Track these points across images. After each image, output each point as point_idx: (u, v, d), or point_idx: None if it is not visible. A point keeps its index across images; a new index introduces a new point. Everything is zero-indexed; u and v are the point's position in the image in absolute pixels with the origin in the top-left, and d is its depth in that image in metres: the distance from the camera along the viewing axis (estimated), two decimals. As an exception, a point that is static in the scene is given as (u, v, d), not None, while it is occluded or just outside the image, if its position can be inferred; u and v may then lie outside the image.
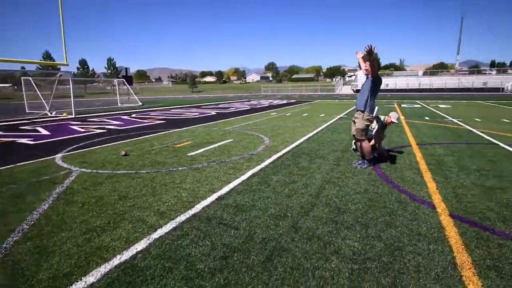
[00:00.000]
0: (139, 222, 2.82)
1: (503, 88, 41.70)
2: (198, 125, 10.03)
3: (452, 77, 50.81)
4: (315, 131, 8.23)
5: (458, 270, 2.06)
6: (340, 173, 4.29)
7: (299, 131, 8.25)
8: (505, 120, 10.36)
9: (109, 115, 14.98)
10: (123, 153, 5.54)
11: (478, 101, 22.04)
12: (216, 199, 3.37)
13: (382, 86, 4.59)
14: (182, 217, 2.91)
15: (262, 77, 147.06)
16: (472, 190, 3.51)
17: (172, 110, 17.48)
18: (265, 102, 24.71)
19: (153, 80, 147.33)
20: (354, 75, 72.45)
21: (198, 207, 3.14)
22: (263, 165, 4.75)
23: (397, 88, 47.27)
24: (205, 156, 5.40)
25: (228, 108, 18.69)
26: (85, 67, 73.40)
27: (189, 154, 5.56)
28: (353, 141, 5.40)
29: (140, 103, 23.97)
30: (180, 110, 17.40)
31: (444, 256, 2.22)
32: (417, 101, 23.28)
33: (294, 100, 27.37)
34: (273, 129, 8.72)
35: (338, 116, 12.40)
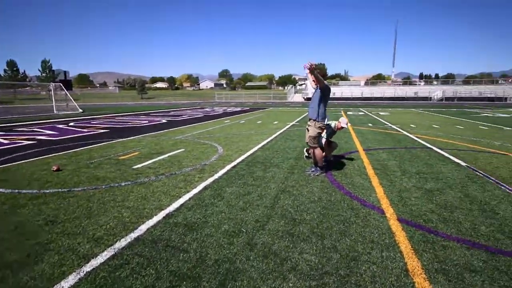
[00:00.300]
0: (69, 252, 2.39)
1: (430, 97, 47.39)
2: (146, 134, 9.38)
3: (388, 87, 56.27)
4: (269, 139, 8.24)
5: (410, 277, 2.08)
6: (294, 181, 4.26)
7: (253, 139, 8.19)
8: (434, 126, 11.62)
9: (42, 123, 13.30)
10: (54, 168, 4.84)
11: (412, 109, 24.61)
12: (163, 217, 3.05)
13: (330, 95, 4.74)
14: (123, 242, 2.54)
15: (216, 84, 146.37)
16: (414, 193, 3.73)
17: (117, 118, 16.21)
18: (219, 110, 24.44)
19: (97, 85, 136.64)
20: (305, 84, 76.11)
21: (142, 229, 2.79)
22: (216, 176, 4.53)
23: (343, 96, 50.74)
24: (153, 169, 4.98)
25: (180, 115, 18.01)
26: (14, 69, 65.06)
27: (134, 167, 5.08)
28: (305, 148, 5.49)
29: (81, 110, 21.87)
30: (127, 118, 16.23)
31: (396, 263, 2.25)
32: (360, 108, 25.14)
33: (248, 108, 27.56)
34: (227, 137, 8.53)
35: (291, 123, 12.70)
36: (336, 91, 52.12)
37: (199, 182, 4.23)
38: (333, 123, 5.10)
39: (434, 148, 6.72)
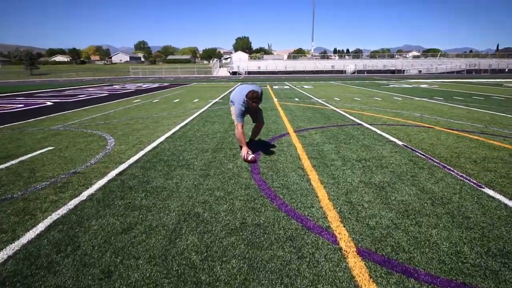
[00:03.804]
0: None
1: (345, 71, 51.13)
2: (6, 125, 6.69)
3: (309, 61, 58.62)
4: (183, 122, 6.66)
5: None
6: (208, 191, 2.95)
7: (163, 124, 6.49)
8: (356, 98, 11.66)
9: None
10: None
11: (331, 82, 25.57)
12: None
13: (255, 69, 3.54)
14: None
15: (132, 58, 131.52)
16: (365, 195, 2.84)
17: (-20, 102, 12.03)
18: (132, 86, 21.10)
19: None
20: (230, 57, 73.75)
21: None
22: (85, 194, 2.88)
23: (268, 70, 50.74)
24: (-26, 191, 3.01)
25: (78, 95, 14.55)
26: None
27: None
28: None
29: None
30: (-4, 101, 12.20)
31: None
32: (285, 82, 24.97)
33: (168, 84, 24.67)
34: (128, 124, 6.60)
35: (214, 101, 11.20)
36: (261, 65, 51.82)
37: (49, 212, 2.55)
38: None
39: (365, 124, 6.22)
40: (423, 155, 4.06)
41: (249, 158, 3.77)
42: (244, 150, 3.85)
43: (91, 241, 2.13)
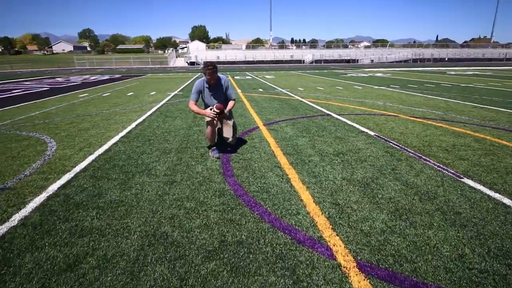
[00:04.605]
0: None
1: (303, 60, 52.04)
2: None
3: (268, 51, 58.59)
4: (140, 119, 5.97)
5: None
6: (176, 203, 2.51)
7: (116, 121, 5.75)
8: (319, 88, 11.70)
9: None
10: None
11: (291, 71, 25.71)
12: None
13: (214, 59, 3.19)
14: None
15: (76, 47, 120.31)
16: (351, 194, 2.63)
17: None
18: (78, 79, 19.03)
19: None
20: (186, 47, 70.81)
21: None
22: (16, 218, 2.27)
23: (228, 60, 49.66)
24: None
25: (11, 90, 12.63)
26: None
27: None
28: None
29: None
30: None
31: None
32: (247, 72, 24.51)
33: (120, 75, 22.76)
34: (73, 122, 5.73)
35: (173, 93, 10.42)
36: (220, 54, 50.55)
37: (-40, 248, 1.92)
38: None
39: (333, 115, 6.13)
40: (396, 145, 4.01)
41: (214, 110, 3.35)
42: (208, 110, 3.43)
43: (24, 287, 1.60)
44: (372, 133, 4.63)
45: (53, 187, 2.82)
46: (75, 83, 15.82)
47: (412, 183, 2.83)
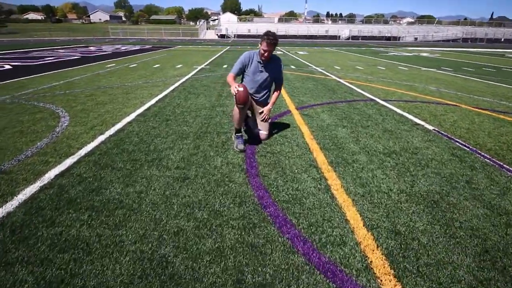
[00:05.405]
0: None
1: (339, 36, 48.79)
2: None
3: (301, 25, 55.53)
4: (162, 94, 5.51)
5: None
6: (185, 210, 1.99)
7: (136, 96, 5.32)
8: (358, 67, 10.54)
9: None
10: None
11: (326, 48, 23.98)
12: None
13: (245, 32, 2.49)
14: None
15: (112, 17, 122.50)
16: (415, 217, 1.96)
17: None
18: (109, 49, 19.02)
19: None
20: (218, 19, 69.09)
21: None
22: (-5, 217, 1.88)
23: (258, 34, 47.80)
24: None
25: (44, 58, 12.75)
26: None
27: None
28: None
29: None
30: None
31: None
32: (278, 47, 23.22)
33: (150, 46, 22.51)
34: (93, 95, 5.40)
35: (200, 67, 9.85)
36: (252, 27, 48.74)
37: None
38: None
39: (378, 100, 5.26)
40: (465, 145, 3.19)
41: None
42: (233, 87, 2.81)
43: (-32, 329, 1.18)
44: (430, 127, 3.79)
45: (49, 175, 2.42)
46: (106, 53, 15.75)
47: (498, 206, 2.09)
